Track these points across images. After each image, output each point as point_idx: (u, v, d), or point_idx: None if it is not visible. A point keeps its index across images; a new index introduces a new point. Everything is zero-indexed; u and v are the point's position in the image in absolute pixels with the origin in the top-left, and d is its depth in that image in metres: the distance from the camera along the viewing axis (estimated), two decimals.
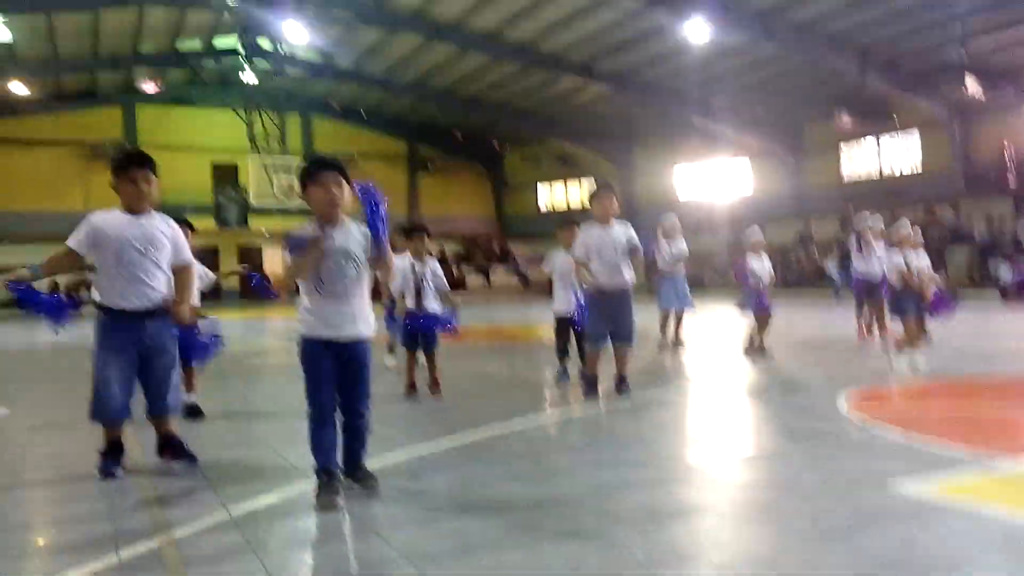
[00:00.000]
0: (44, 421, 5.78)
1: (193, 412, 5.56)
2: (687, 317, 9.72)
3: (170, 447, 4.26)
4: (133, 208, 4.05)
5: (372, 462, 3.98)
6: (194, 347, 5.52)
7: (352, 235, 3.57)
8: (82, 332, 4.49)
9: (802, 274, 23.47)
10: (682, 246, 9.63)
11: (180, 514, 3.37)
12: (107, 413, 4.03)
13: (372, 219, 3.48)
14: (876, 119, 24.25)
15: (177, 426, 4.36)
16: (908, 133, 24.43)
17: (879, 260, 9.00)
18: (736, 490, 3.62)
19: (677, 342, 9.44)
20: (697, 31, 20.09)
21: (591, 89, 26.53)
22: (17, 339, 14.69)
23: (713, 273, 25.49)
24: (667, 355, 8.87)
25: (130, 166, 4.06)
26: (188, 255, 4.30)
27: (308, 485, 3.72)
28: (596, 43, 22.84)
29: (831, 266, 21.14)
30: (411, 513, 3.34)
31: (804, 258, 23.78)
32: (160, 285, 4.10)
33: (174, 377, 4.28)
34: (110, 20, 22.47)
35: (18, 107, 27.91)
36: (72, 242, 3.98)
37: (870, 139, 25.44)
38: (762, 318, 8.73)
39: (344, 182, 3.55)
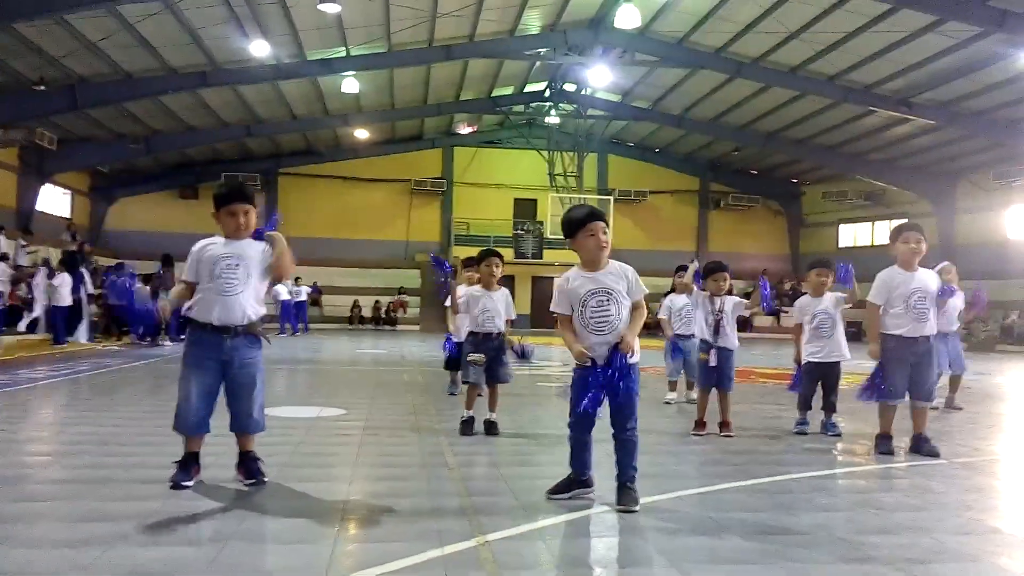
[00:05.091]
0: (374, 424, 6.56)
1: (490, 428, 6.05)
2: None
3: (244, 464, 4.31)
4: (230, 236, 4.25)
5: (667, 497, 4.07)
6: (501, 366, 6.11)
7: (612, 274, 4.06)
8: (403, 349, 5.08)
9: None
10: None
11: (491, 521, 3.68)
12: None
13: None
14: None
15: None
16: None
17: None
18: None
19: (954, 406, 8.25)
20: None
21: (908, 122, 24.44)
22: (345, 350, 16.78)
23: None
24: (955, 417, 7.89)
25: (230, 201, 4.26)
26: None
27: (602, 507, 3.91)
28: (916, 73, 21.01)
29: None
30: (713, 551, 3.36)
31: None
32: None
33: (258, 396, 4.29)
34: (440, 72, 25.11)
35: (359, 149, 32.15)
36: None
37: None
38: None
39: (607, 227, 4.09)
